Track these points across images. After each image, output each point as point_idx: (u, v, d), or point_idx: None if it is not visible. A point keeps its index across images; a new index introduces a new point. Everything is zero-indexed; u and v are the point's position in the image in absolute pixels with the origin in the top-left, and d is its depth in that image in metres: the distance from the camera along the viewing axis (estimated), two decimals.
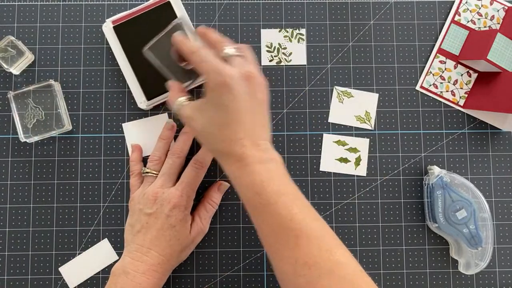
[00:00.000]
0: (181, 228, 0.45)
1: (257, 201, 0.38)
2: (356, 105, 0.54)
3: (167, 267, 0.45)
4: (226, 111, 0.39)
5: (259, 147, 0.40)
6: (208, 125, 0.40)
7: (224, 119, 0.39)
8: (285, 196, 0.38)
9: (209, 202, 0.50)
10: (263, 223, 0.39)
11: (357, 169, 0.53)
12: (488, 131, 0.54)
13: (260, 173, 0.38)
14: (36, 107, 0.52)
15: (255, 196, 0.38)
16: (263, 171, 0.39)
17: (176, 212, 0.45)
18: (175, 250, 0.45)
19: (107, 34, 0.52)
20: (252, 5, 0.55)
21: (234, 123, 0.39)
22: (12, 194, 0.52)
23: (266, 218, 0.38)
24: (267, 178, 0.38)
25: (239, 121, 0.39)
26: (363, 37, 0.55)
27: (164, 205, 0.44)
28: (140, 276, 0.42)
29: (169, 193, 0.45)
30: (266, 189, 0.38)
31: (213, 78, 0.39)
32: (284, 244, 0.37)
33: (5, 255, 0.51)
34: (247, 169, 0.39)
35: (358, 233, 0.53)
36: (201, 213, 0.49)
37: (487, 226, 0.50)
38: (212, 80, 0.39)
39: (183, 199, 0.45)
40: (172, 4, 0.52)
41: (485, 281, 0.52)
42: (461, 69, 0.55)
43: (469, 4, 0.56)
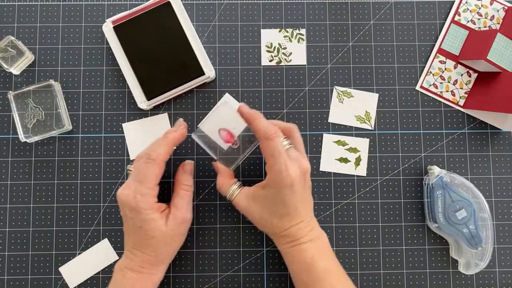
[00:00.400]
0: (149, 227, 0.43)
1: (307, 276, 0.43)
2: (356, 105, 0.54)
3: (156, 262, 0.45)
4: (287, 205, 0.44)
5: (310, 226, 0.45)
6: (267, 215, 0.45)
7: (284, 211, 0.44)
8: (331, 273, 0.44)
9: (181, 187, 0.47)
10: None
11: (357, 169, 0.53)
12: (488, 131, 0.54)
13: (310, 250, 0.44)
14: (36, 107, 0.52)
15: (305, 271, 0.44)
16: (313, 247, 0.44)
17: (135, 213, 0.43)
18: (156, 247, 0.44)
19: (107, 34, 0.52)
20: (252, 5, 0.55)
21: (293, 213, 0.44)
22: (12, 194, 0.52)
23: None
24: (316, 255, 0.44)
25: (297, 211, 0.44)
26: (363, 37, 0.55)
27: (124, 208, 0.44)
28: (130, 272, 0.44)
29: (125, 195, 0.44)
30: (316, 266, 0.43)
31: (280, 178, 0.43)
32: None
33: (5, 255, 0.51)
34: (299, 247, 0.44)
35: (358, 233, 0.53)
36: (176, 202, 0.46)
37: (487, 226, 0.50)
38: (280, 179, 0.43)
39: (137, 200, 0.43)
40: (172, 4, 0.52)
41: (485, 281, 0.52)
42: (461, 69, 0.55)
43: (469, 4, 0.56)
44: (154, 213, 0.44)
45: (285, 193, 0.43)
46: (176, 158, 0.53)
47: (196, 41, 0.52)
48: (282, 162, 0.42)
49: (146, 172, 0.44)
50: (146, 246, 0.44)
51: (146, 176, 0.44)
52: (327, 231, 0.52)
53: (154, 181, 0.44)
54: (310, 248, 0.44)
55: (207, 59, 0.52)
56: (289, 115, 0.54)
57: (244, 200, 0.46)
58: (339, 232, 0.53)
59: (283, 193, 0.43)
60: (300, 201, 0.44)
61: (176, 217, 0.45)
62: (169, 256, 0.47)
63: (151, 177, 0.44)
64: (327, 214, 0.53)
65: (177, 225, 0.45)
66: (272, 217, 0.44)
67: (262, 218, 0.45)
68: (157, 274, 0.45)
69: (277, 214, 0.44)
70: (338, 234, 0.52)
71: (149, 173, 0.44)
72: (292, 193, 0.43)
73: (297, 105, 0.54)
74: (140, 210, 0.43)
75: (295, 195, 0.43)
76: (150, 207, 0.43)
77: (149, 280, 0.44)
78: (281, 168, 0.42)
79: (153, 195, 0.44)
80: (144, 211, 0.43)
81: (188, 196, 0.47)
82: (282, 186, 0.43)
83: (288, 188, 0.43)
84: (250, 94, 0.54)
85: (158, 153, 0.44)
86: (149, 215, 0.43)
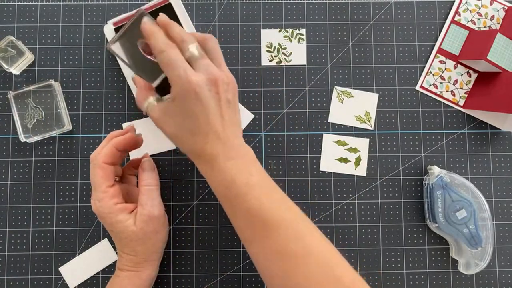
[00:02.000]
0: (118, 229, 0.43)
1: (228, 195, 0.40)
2: (356, 105, 0.54)
3: (138, 261, 0.45)
4: (196, 118, 0.40)
5: (230, 145, 0.40)
6: (178, 130, 0.41)
7: (195, 126, 0.40)
8: (255, 188, 0.39)
9: (142, 184, 0.46)
10: (236, 216, 0.41)
11: (357, 169, 0.53)
12: (488, 131, 0.54)
13: (230, 169, 0.40)
14: (36, 107, 0.52)
15: (225, 191, 0.40)
16: (233, 166, 0.40)
17: (102, 220, 0.44)
18: (132, 247, 0.44)
19: (108, 35, 0.52)
20: (252, 5, 0.55)
21: (205, 129, 0.40)
22: (12, 194, 0.52)
23: (238, 211, 0.40)
24: (237, 172, 0.39)
25: (209, 126, 0.40)
26: (363, 37, 0.55)
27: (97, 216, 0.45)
28: (119, 271, 0.46)
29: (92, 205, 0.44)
30: (236, 183, 0.39)
31: (180, 86, 0.39)
32: (257, 235, 0.39)
33: (5, 255, 0.51)
34: (218, 167, 0.40)
35: (358, 233, 0.53)
36: (140, 200, 0.45)
37: (487, 226, 0.50)
38: (180, 87, 0.39)
39: (97, 206, 0.43)
40: (173, 5, 0.52)
41: (485, 281, 0.52)
42: (461, 69, 0.55)
43: (469, 4, 0.56)
44: (118, 215, 0.43)
45: (190, 102, 0.39)
46: (176, 158, 0.53)
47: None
48: (180, 68, 0.39)
49: (92, 177, 0.43)
50: (124, 247, 0.45)
51: (94, 181, 0.43)
52: (327, 231, 0.52)
53: (103, 183, 0.43)
54: (230, 167, 0.40)
55: None
56: (289, 115, 0.54)
57: (157, 113, 0.42)
58: (339, 232, 0.53)
59: (188, 103, 0.39)
60: (213, 115, 0.40)
61: (142, 214, 0.44)
62: (150, 254, 0.46)
63: (98, 181, 0.43)
64: (327, 214, 0.53)
65: (145, 223, 0.44)
66: (185, 133, 0.41)
67: (175, 135, 0.41)
68: (144, 271, 0.46)
69: (188, 129, 0.40)
70: (338, 234, 0.52)
71: (94, 177, 0.43)
72: (198, 101, 0.39)
73: (297, 105, 0.54)
74: (103, 215, 0.43)
75: (203, 107, 0.39)
76: (111, 211, 0.43)
77: (136, 277, 0.45)
78: (180, 74, 0.39)
79: (109, 197, 0.43)
80: (107, 215, 0.43)
81: (150, 191, 0.45)
82: (186, 94, 0.39)
83: (192, 95, 0.39)
84: (250, 94, 0.54)
85: (96, 154, 0.44)
86: (113, 218, 0.43)
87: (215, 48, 0.43)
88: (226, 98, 0.41)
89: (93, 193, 0.43)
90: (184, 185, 0.52)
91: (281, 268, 0.38)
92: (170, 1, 0.52)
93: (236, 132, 0.42)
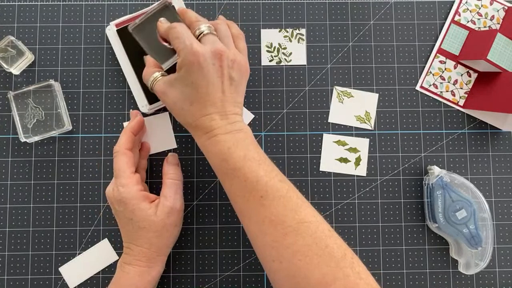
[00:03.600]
0: (139, 218, 0.44)
1: (224, 167, 0.41)
2: (356, 105, 0.54)
3: (152, 254, 0.45)
4: (196, 88, 0.41)
5: (227, 120, 0.42)
6: (179, 100, 0.42)
7: (194, 96, 0.41)
8: (251, 160, 0.41)
9: (167, 178, 0.47)
10: (232, 187, 0.42)
11: (357, 169, 0.53)
12: (488, 131, 0.54)
13: (226, 141, 0.41)
14: (36, 107, 0.52)
15: (222, 163, 0.41)
16: (230, 139, 0.41)
17: (123, 205, 0.44)
18: (149, 238, 0.44)
19: (110, 37, 0.52)
20: (252, 5, 0.55)
21: (204, 99, 0.41)
22: (12, 194, 0.52)
23: (234, 182, 0.41)
24: (233, 145, 0.41)
25: (208, 98, 0.41)
26: (363, 37, 0.55)
27: (113, 204, 0.45)
28: (128, 267, 0.45)
29: (109, 191, 0.45)
30: (232, 155, 0.40)
31: (185, 56, 0.41)
32: (251, 205, 0.40)
33: (5, 255, 0.51)
34: (215, 139, 0.41)
35: (358, 233, 0.53)
36: (164, 192, 0.46)
37: (487, 226, 0.50)
38: (184, 58, 0.41)
39: (120, 191, 0.44)
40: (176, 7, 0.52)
41: (485, 281, 0.52)
42: (461, 69, 0.55)
43: (469, 4, 0.56)
44: (141, 202, 0.44)
45: (193, 72, 0.41)
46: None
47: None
48: (187, 40, 0.41)
49: (117, 164, 0.45)
50: (139, 238, 0.44)
51: (119, 168, 0.45)
52: None
53: (127, 169, 0.45)
54: (227, 140, 0.41)
55: None
56: (289, 115, 0.54)
57: (161, 86, 0.44)
58: (339, 232, 0.52)
59: (191, 71, 0.41)
60: (214, 88, 0.41)
61: (164, 206, 0.45)
62: (164, 248, 0.46)
63: (123, 167, 0.45)
64: (327, 214, 0.53)
65: (166, 214, 0.45)
66: (184, 102, 0.42)
67: (176, 104, 0.43)
68: (154, 267, 0.45)
69: (188, 98, 0.42)
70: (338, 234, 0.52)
71: (119, 164, 0.45)
72: (200, 72, 0.41)
73: (297, 105, 0.54)
74: (125, 200, 0.44)
75: (204, 77, 0.41)
76: (134, 197, 0.44)
77: (147, 274, 0.45)
78: (186, 44, 0.41)
79: (134, 183, 0.44)
80: (130, 201, 0.44)
81: (175, 184, 0.47)
82: (189, 64, 0.41)
83: (195, 65, 0.40)
84: (250, 94, 0.54)
85: (119, 144, 0.46)
86: (136, 205, 0.44)
87: (225, 30, 0.45)
88: (229, 74, 0.42)
89: (116, 180, 0.45)
90: (184, 185, 0.52)
91: (274, 236, 0.39)
92: (173, 3, 0.52)
93: (235, 110, 0.43)
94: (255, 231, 0.40)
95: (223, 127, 0.41)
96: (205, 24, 0.43)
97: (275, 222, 0.39)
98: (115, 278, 0.45)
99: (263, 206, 0.39)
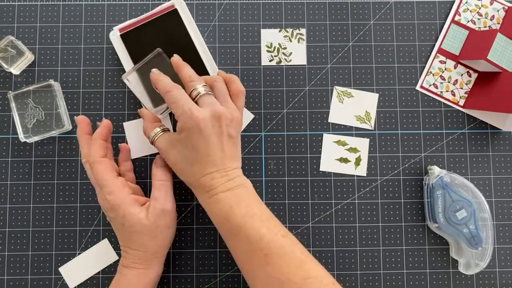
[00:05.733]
0: (130, 222, 0.44)
1: (226, 226, 0.42)
2: (356, 105, 0.54)
3: (148, 257, 0.45)
4: (197, 151, 0.42)
5: (227, 176, 0.43)
6: (180, 161, 0.44)
7: (195, 158, 0.43)
8: (253, 217, 0.41)
9: (156, 179, 0.47)
10: (235, 246, 0.42)
11: (357, 169, 0.53)
12: (488, 131, 0.54)
13: (227, 199, 0.42)
14: (36, 107, 0.52)
15: (224, 222, 0.42)
16: (231, 197, 0.42)
17: (114, 212, 0.44)
18: (143, 241, 0.44)
19: (114, 42, 0.52)
20: (252, 5, 0.55)
21: (204, 160, 0.42)
22: (12, 194, 0.52)
23: (237, 241, 0.41)
24: (235, 203, 0.41)
25: (209, 159, 0.42)
26: (363, 37, 0.55)
27: (106, 211, 0.45)
28: (125, 269, 0.45)
29: (100, 202, 0.45)
30: (234, 213, 0.41)
31: (185, 121, 0.42)
32: (256, 264, 0.40)
33: (5, 255, 0.51)
34: (216, 197, 0.42)
35: (358, 233, 0.53)
36: (154, 194, 0.46)
37: (487, 226, 0.50)
38: (184, 123, 0.42)
39: (108, 200, 0.43)
40: (179, 11, 0.52)
41: (485, 281, 0.52)
42: (461, 69, 0.55)
43: (469, 4, 0.56)
44: (130, 207, 0.44)
45: (193, 136, 0.42)
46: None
47: (203, 47, 0.52)
48: (185, 105, 0.42)
49: (96, 175, 0.44)
50: (133, 242, 0.44)
51: (100, 178, 0.44)
52: (327, 231, 0.52)
53: (109, 176, 0.44)
54: (228, 198, 0.42)
55: (214, 66, 0.53)
56: (289, 115, 0.54)
57: (163, 144, 0.45)
58: (339, 232, 0.53)
59: (191, 136, 0.42)
60: (214, 148, 0.42)
61: (155, 208, 0.45)
62: (160, 250, 0.46)
63: (103, 175, 0.44)
64: (327, 214, 0.53)
65: (157, 216, 0.44)
66: (185, 164, 0.43)
67: (177, 164, 0.44)
68: (152, 268, 0.45)
69: (188, 160, 0.43)
70: (338, 234, 0.52)
71: (97, 174, 0.44)
72: (200, 136, 0.42)
73: (297, 105, 0.54)
74: (115, 207, 0.43)
75: (205, 140, 0.42)
76: (123, 202, 0.44)
77: (144, 275, 0.45)
78: (184, 110, 0.42)
79: (120, 188, 0.44)
80: (119, 207, 0.43)
81: (164, 186, 0.47)
82: (189, 129, 0.42)
83: (195, 130, 0.41)
84: (250, 94, 0.54)
85: (92, 154, 0.45)
86: (126, 210, 0.44)
87: (222, 88, 0.46)
88: (227, 133, 0.43)
89: (101, 190, 0.44)
90: (184, 185, 0.52)
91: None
92: (176, 7, 0.52)
93: (234, 164, 0.44)
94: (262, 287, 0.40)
95: (224, 185, 0.42)
96: (200, 84, 0.44)
97: (280, 281, 0.39)
98: (115, 280, 0.45)
99: (268, 265, 0.39)
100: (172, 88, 0.44)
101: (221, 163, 0.43)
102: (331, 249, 0.52)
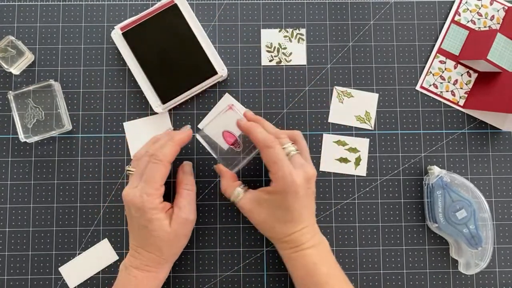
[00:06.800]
0: (154, 227, 0.43)
1: (308, 281, 0.44)
2: (356, 105, 0.54)
3: (160, 261, 0.45)
4: (291, 212, 0.43)
5: (313, 232, 0.45)
6: (269, 220, 0.45)
7: (288, 217, 0.44)
8: (333, 279, 0.44)
9: (182, 187, 0.47)
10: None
11: (357, 169, 0.53)
12: (488, 131, 0.54)
13: (312, 256, 0.44)
14: (36, 107, 0.52)
15: (307, 277, 0.44)
16: (315, 253, 0.44)
17: (141, 213, 0.43)
18: (160, 247, 0.44)
19: (116, 41, 0.52)
20: (252, 5, 0.55)
21: (298, 219, 0.44)
22: (12, 194, 0.52)
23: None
24: (319, 261, 0.44)
25: (301, 217, 0.44)
26: (363, 37, 0.55)
27: (130, 207, 0.44)
28: (135, 270, 0.44)
29: (131, 194, 0.44)
30: (318, 271, 0.43)
31: (283, 185, 0.43)
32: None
33: (5, 255, 0.51)
34: (302, 253, 0.44)
35: (358, 233, 0.53)
36: (179, 203, 0.46)
37: (487, 226, 0.50)
38: (283, 185, 0.43)
39: (143, 199, 0.43)
40: (179, 5, 0.52)
41: (485, 281, 0.52)
42: (461, 69, 0.55)
43: (469, 4, 0.56)
44: (159, 213, 0.44)
45: (289, 199, 0.43)
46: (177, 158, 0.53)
47: (206, 40, 0.52)
48: (286, 168, 0.42)
49: (153, 172, 0.44)
50: (150, 245, 0.44)
51: (153, 177, 0.44)
52: (327, 231, 0.52)
53: (160, 181, 0.44)
54: (312, 254, 0.44)
55: (218, 58, 0.52)
56: (289, 115, 0.54)
57: (248, 204, 0.46)
58: (339, 232, 0.53)
59: (287, 199, 0.43)
60: (304, 207, 0.44)
61: (179, 217, 0.45)
62: (173, 256, 0.47)
63: (158, 178, 0.44)
64: (327, 214, 0.53)
65: (180, 226, 0.45)
66: (276, 222, 0.44)
67: (265, 223, 0.45)
68: (162, 272, 0.46)
69: (281, 219, 0.44)
70: (338, 234, 0.52)
71: (156, 174, 0.44)
72: (296, 199, 0.43)
73: (297, 105, 0.54)
74: (146, 210, 0.43)
75: (299, 201, 0.43)
76: (156, 207, 0.44)
77: (155, 279, 0.45)
78: (285, 174, 0.42)
79: (158, 196, 0.44)
80: (150, 211, 0.43)
81: (190, 195, 0.47)
82: (287, 193, 0.43)
83: (293, 194, 0.42)
84: (250, 94, 0.54)
85: (165, 153, 0.44)
86: (155, 215, 0.43)
87: (303, 144, 0.47)
88: (313, 191, 0.46)
89: (144, 186, 0.43)
90: None
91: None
92: (176, 2, 0.52)
93: (315, 219, 0.47)
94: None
95: (310, 241, 0.44)
96: (289, 142, 0.45)
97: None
98: (120, 281, 0.45)
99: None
100: (274, 144, 0.43)
101: (308, 219, 0.45)
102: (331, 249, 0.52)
